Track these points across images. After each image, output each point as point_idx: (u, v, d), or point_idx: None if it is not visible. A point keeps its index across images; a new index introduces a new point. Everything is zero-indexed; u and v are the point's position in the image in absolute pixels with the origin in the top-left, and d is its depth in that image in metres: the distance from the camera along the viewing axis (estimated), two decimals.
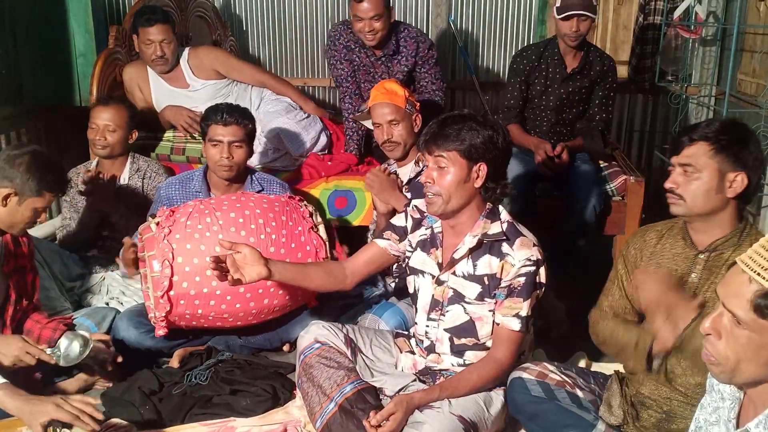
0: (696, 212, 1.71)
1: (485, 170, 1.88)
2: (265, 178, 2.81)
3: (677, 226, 1.82)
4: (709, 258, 1.72)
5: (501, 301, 1.90)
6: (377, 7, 2.98)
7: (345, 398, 1.88)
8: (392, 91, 2.60)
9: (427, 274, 2.02)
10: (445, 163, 1.88)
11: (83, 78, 3.50)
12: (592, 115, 3.18)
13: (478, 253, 1.93)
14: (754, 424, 1.13)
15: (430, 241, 2.03)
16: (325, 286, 2.14)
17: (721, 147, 1.65)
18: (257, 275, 1.94)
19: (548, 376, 1.87)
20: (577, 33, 2.97)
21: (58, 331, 2.19)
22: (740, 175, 1.66)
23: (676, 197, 1.71)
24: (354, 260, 2.14)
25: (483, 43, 4.54)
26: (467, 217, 1.94)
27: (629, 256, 1.88)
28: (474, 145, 1.85)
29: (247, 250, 1.95)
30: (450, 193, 1.88)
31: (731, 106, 3.41)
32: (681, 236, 1.79)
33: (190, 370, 2.32)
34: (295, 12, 4.58)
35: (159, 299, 2.23)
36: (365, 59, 3.20)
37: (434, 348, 2.02)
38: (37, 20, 3.32)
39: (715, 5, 4.06)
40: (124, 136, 2.93)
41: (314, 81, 4.67)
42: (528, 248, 1.89)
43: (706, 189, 1.67)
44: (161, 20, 3.21)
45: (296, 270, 2.09)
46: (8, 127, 3.18)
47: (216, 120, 2.61)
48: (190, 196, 2.66)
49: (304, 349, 2.03)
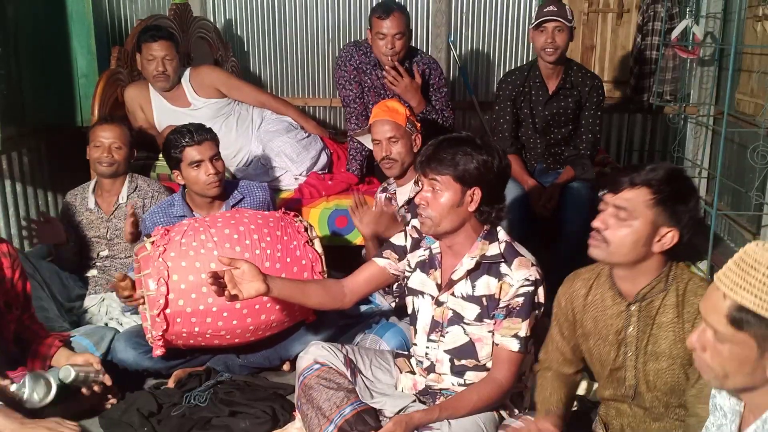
0: (615, 260, 1.62)
1: (479, 194, 1.87)
2: (243, 185, 2.80)
3: (604, 274, 1.74)
4: (641, 308, 1.65)
5: (500, 321, 1.89)
6: (400, 25, 3.00)
7: (345, 420, 1.87)
8: (393, 109, 2.62)
9: (427, 295, 2.01)
10: (439, 187, 1.87)
11: (85, 98, 3.52)
12: (579, 139, 3.14)
13: (477, 274, 1.92)
14: (752, 430, 1.18)
15: (428, 262, 2.02)
16: (324, 304, 2.13)
17: (661, 198, 1.55)
18: (255, 291, 1.94)
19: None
20: (554, 45, 2.94)
21: (53, 348, 2.18)
22: (672, 232, 1.56)
23: (600, 239, 1.61)
24: (353, 279, 2.13)
25: (482, 64, 4.57)
26: (464, 238, 1.93)
27: (560, 311, 1.83)
28: (467, 170, 1.84)
29: (245, 266, 1.94)
30: (441, 217, 1.87)
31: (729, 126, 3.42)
32: (608, 286, 1.71)
33: (188, 392, 2.30)
34: (296, 33, 4.62)
35: (155, 318, 2.22)
36: (376, 81, 3.22)
37: (434, 369, 2.01)
38: (39, 41, 3.35)
39: (712, 25, 4.09)
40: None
41: (315, 101, 4.70)
42: (526, 268, 1.88)
43: (634, 239, 1.57)
44: (165, 37, 3.24)
45: (295, 287, 2.08)
46: (10, 147, 3.19)
47: (188, 143, 2.57)
48: (174, 221, 2.61)
49: (303, 370, 2.01)
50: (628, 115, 4.50)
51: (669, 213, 1.56)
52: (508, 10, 4.46)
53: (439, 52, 4.47)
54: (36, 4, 3.33)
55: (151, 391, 2.33)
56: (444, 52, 4.47)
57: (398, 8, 3.03)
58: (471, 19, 4.49)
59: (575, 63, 3.16)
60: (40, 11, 3.37)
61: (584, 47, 4.41)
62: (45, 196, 3.48)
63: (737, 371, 1.15)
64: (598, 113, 3.11)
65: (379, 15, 3.00)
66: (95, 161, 2.93)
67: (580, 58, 4.32)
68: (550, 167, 3.21)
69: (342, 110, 4.39)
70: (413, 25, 4.49)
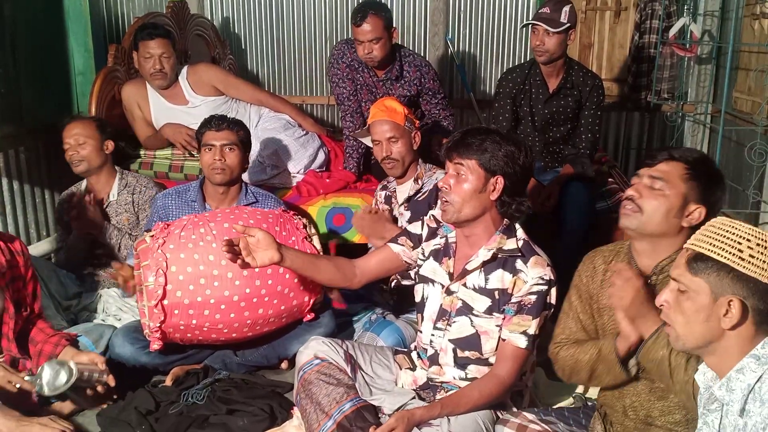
0: (648, 230, 1.65)
1: (502, 184, 1.89)
2: (260, 191, 2.83)
3: (623, 251, 1.77)
4: (658, 281, 1.66)
5: (510, 317, 1.90)
6: (376, 31, 2.98)
7: (344, 416, 1.86)
8: (392, 109, 2.62)
9: (437, 284, 2.02)
10: (464, 171, 1.89)
11: (82, 96, 3.52)
12: (579, 138, 3.13)
13: (491, 266, 1.93)
14: (717, 386, 1.30)
15: (443, 250, 2.03)
16: (334, 280, 2.14)
17: (696, 174, 1.62)
18: (269, 260, 1.95)
19: (528, 428, 1.81)
20: (542, 47, 2.92)
21: (59, 347, 2.19)
22: (700, 209, 1.62)
23: (634, 208, 1.65)
24: (365, 260, 2.15)
25: (480, 62, 4.57)
26: (482, 229, 1.94)
27: (581, 284, 1.84)
28: (495, 156, 1.87)
29: (260, 234, 1.96)
30: (464, 201, 1.89)
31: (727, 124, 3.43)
32: (627, 261, 1.73)
33: (186, 390, 2.30)
34: (293, 30, 4.62)
35: (153, 308, 2.22)
36: (368, 79, 3.22)
37: (437, 359, 2.01)
38: (36, 39, 3.34)
39: (710, 24, 4.10)
40: (97, 147, 2.92)
41: (312, 99, 4.70)
42: (542, 267, 1.89)
43: (667, 208, 1.62)
44: (162, 35, 3.24)
45: (307, 260, 2.09)
46: (8, 145, 3.19)
47: (209, 127, 2.71)
48: (186, 205, 2.71)
49: (303, 365, 2.01)
50: (626, 113, 4.51)
51: (701, 190, 1.62)
52: (505, 8, 4.47)
53: (437, 50, 4.48)
54: (33, 2, 3.32)
55: (149, 389, 2.33)
56: (442, 50, 4.48)
57: (374, 11, 2.98)
58: (469, 17, 4.49)
59: (576, 62, 3.15)
60: (38, 9, 3.36)
61: (582, 45, 4.41)
62: (42, 194, 3.47)
63: (694, 321, 1.28)
64: (598, 113, 3.11)
65: (354, 21, 2.99)
66: (69, 162, 2.93)
67: (578, 56, 4.33)
68: (549, 166, 3.21)
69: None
70: (411, 23, 4.50)
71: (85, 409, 2.28)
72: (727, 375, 1.28)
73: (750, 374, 1.24)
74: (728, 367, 1.28)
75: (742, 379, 1.25)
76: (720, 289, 1.25)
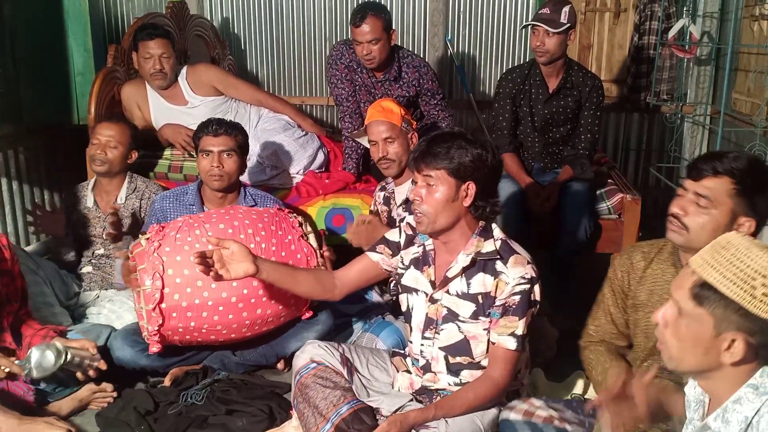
0: (696, 246, 1.60)
1: (474, 189, 1.87)
2: (258, 193, 2.83)
3: (666, 250, 1.75)
4: None
5: (496, 320, 1.89)
6: (375, 32, 2.99)
7: (341, 419, 1.86)
8: (388, 109, 2.62)
9: (421, 292, 2.01)
10: (434, 182, 1.87)
11: (81, 97, 3.52)
12: (578, 138, 3.13)
13: (472, 271, 1.92)
14: (713, 418, 1.22)
15: (422, 258, 2.02)
16: (313, 292, 2.12)
17: (743, 189, 1.56)
18: (243, 272, 1.93)
19: (535, 414, 1.81)
20: (542, 48, 2.93)
21: (48, 339, 2.19)
22: (750, 223, 1.57)
23: (680, 226, 1.61)
24: (345, 271, 2.11)
25: (479, 62, 4.57)
26: (459, 235, 1.93)
27: (616, 279, 1.83)
28: (462, 163, 1.85)
29: (235, 246, 1.93)
30: (437, 212, 1.87)
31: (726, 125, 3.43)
32: (671, 262, 1.72)
33: (185, 390, 2.31)
34: (293, 31, 4.62)
35: (151, 312, 2.23)
36: (366, 80, 3.22)
37: (430, 367, 2.01)
38: (36, 39, 3.35)
39: (709, 25, 4.10)
40: (124, 154, 2.94)
41: (312, 99, 4.70)
42: (522, 266, 1.88)
43: (714, 227, 1.57)
44: (161, 35, 3.24)
45: (285, 271, 2.05)
46: (7, 145, 3.19)
47: (207, 132, 2.68)
48: (184, 208, 2.69)
49: (299, 369, 2.01)
50: (625, 114, 4.51)
51: (749, 203, 1.58)
52: (505, 9, 4.46)
53: (436, 51, 4.48)
54: (33, 2, 3.33)
55: (148, 390, 2.33)
56: (441, 51, 4.48)
57: (373, 12, 2.99)
58: (468, 17, 4.49)
59: (576, 63, 3.15)
60: (37, 9, 3.36)
61: (581, 46, 4.41)
62: (41, 194, 3.48)
63: (691, 350, 1.18)
64: (598, 113, 3.11)
65: (353, 22, 2.99)
66: (90, 158, 2.94)
67: (578, 57, 4.33)
68: (548, 166, 3.21)
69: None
70: (410, 24, 4.50)
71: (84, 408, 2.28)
72: (723, 405, 1.21)
73: (748, 405, 1.17)
74: (723, 392, 1.21)
75: (740, 410, 1.18)
76: (724, 325, 1.15)
